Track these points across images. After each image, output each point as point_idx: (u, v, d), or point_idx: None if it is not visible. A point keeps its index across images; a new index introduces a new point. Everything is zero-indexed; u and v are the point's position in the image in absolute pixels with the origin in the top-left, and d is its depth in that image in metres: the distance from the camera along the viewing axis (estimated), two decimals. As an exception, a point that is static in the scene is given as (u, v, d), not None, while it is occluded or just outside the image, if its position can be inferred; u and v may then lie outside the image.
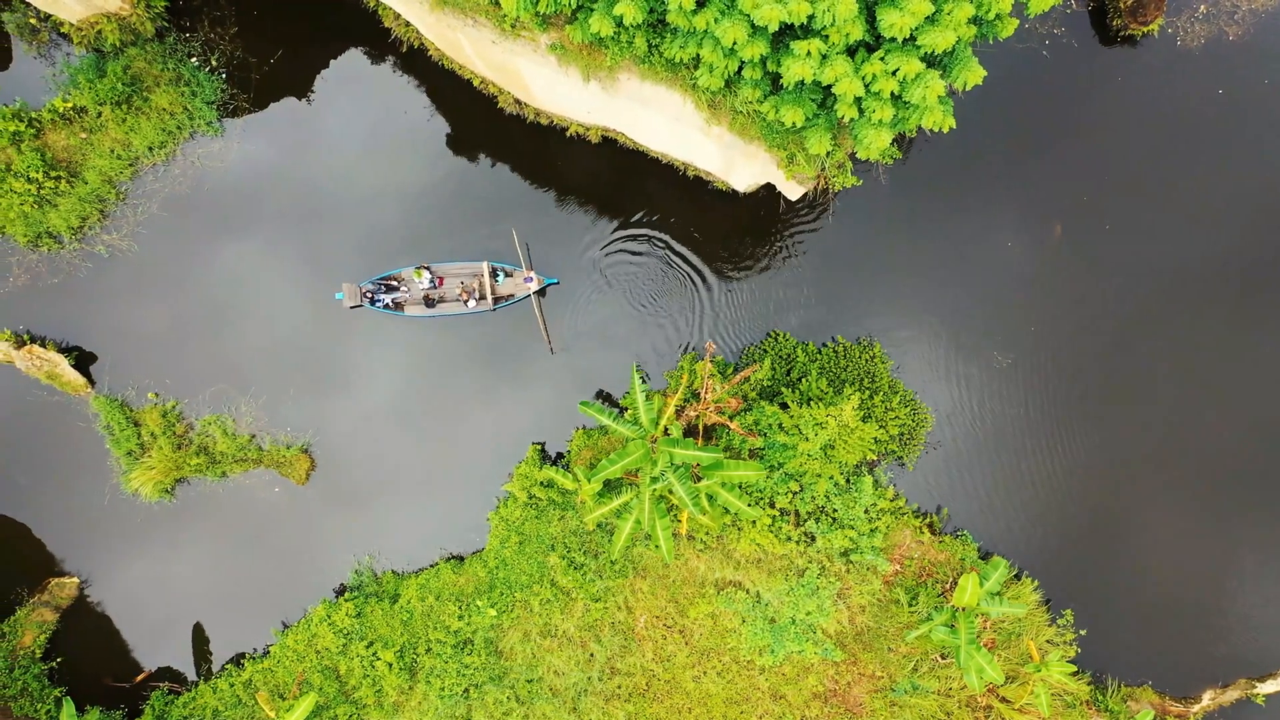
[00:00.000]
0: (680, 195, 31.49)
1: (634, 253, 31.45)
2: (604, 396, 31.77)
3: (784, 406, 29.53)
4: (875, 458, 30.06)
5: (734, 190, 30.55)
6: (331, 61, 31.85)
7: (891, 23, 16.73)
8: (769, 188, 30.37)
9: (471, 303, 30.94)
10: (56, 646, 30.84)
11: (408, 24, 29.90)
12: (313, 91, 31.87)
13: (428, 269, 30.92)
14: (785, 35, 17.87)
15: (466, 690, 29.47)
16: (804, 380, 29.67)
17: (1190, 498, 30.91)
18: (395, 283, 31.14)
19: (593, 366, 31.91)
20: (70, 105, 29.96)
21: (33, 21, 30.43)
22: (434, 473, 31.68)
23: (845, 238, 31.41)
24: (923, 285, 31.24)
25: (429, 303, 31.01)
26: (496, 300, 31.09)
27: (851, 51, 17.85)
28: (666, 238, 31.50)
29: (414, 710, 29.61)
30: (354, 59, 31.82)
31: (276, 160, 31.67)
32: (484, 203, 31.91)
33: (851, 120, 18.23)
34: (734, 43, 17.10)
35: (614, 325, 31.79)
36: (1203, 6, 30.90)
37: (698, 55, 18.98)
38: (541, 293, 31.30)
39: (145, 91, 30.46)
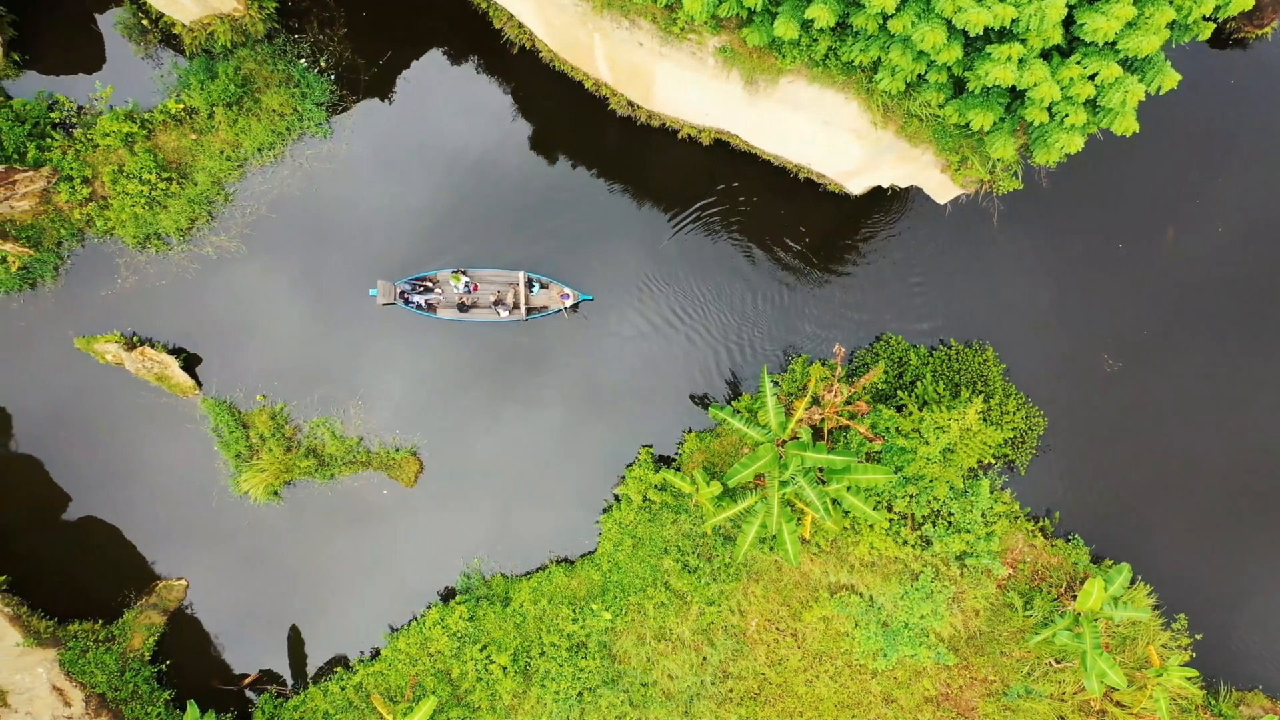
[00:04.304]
0: (785, 197, 31.38)
1: (730, 241, 31.27)
2: (698, 400, 31.68)
3: (899, 410, 29.48)
4: (992, 461, 29.99)
5: (846, 193, 30.48)
6: (439, 63, 31.72)
7: (1095, 27, 16.67)
8: (878, 190, 30.33)
9: (504, 312, 30.59)
10: (163, 649, 30.77)
11: (520, 25, 29.80)
12: (419, 92, 31.71)
13: (464, 274, 30.65)
14: (976, 39, 17.82)
15: (580, 694, 29.40)
16: (918, 384, 29.60)
17: (1300, 502, 30.89)
18: (430, 284, 30.94)
19: (682, 370, 31.74)
20: (182, 107, 29.86)
21: (144, 22, 30.32)
22: (535, 477, 31.52)
23: (952, 240, 31.30)
24: (1031, 288, 31.17)
25: (462, 308, 30.75)
26: (529, 311, 30.73)
27: (1044, 55, 17.79)
28: (769, 240, 31.44)
29: (527, 714, 29.55)
30: (462, 60, 31.68)
31: (381, 161, 31.50)
32: (558, 206, 31.70)
33: (1041, 124, 18.20)
34: (933, 46, 17.04)
35: (703, 328, 31.69)
36: (1315, 9, 30.80)
37: (877, 58, 18.92)
38: (574, 307, 31.06)
39: (255, 93, 30.36)
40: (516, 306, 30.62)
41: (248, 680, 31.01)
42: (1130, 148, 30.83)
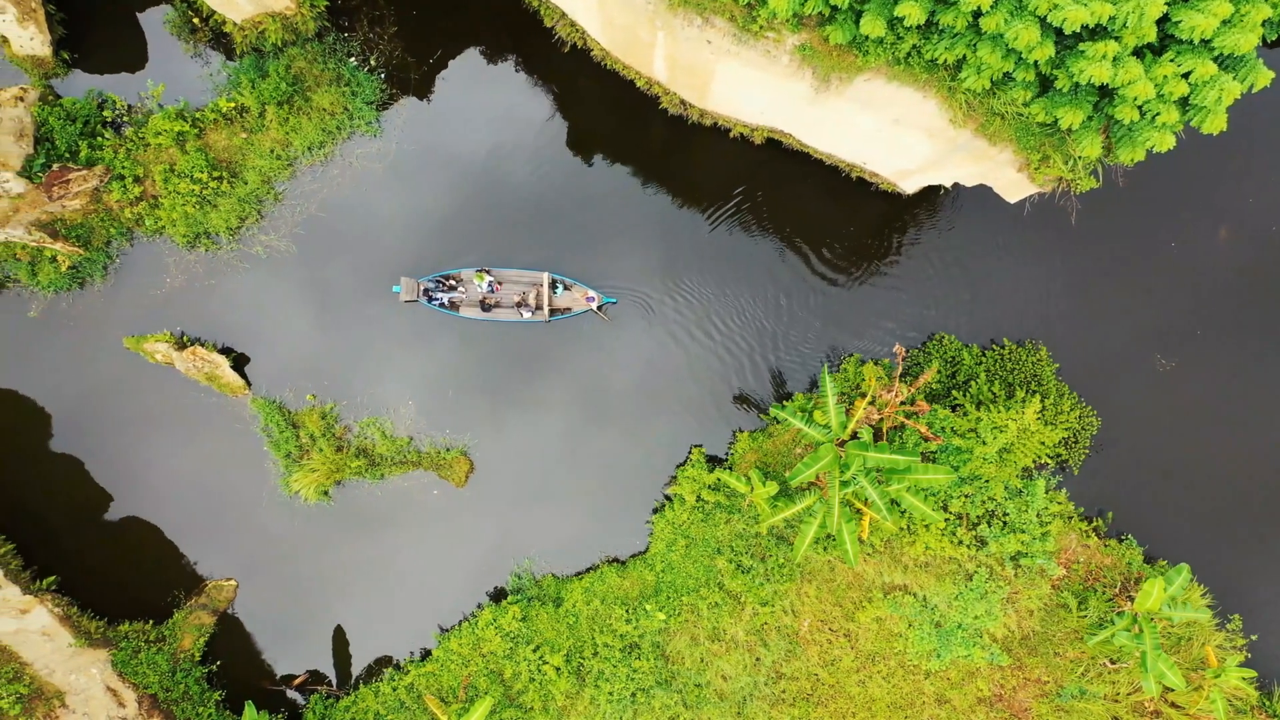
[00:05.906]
0: (834, 196, 31.27)
1: (775, 240, 31.17)
2: (744, 400, 31.58)
3: (953, 409, 29.37)
4: (1047, 461, 29.90)
5: (898, 192, 30.37)
6: (486, 62, 31.61)
7: (1192, 25, 16.58)
8: (929, 190, 30.22)
9: (526, 313, 30.49)
10: (212, 649, 30.68)
11: (573, 24, 29.68)
12: (464, 90, 31.60)
13: (488, 273, 30.55)
14: (1068, 36, 17.73)
15: (634, 694, 29.29)
16: (972, 384, 29.49)
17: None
18: (454, 282, 30.85)
19: (732, 370, 31.65)
20: (233, 105, 29.75)
21: (194, 21, 30.21)
22: (584, 477, 31.44)
23: (1004, 239, 31.19)
24: (1082, 287, 31.06)
25: (484, 307, 30.68)
26: (553, 312, 30.64)
27: (1136, 53, 17.70)
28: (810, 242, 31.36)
29: (580, 715, 29.45)
30: (509, 59, 31.56)
31: (425, 159, 31.38)
32: (600, 204, 31.57)
33: (1131, 123, 18.11)
34: (1026, 45, 16.95)
35: (751, 329, 31.62)
36: (1368, 8, 30.68)
37: (962, 56, 18.83)
38: (601, 308, 30.91)
39: (306, 91, 30.25)
40: (539, 308, 30.52)
41: (296, 681, 30.92)
42: (1184, 146, 30.80)
